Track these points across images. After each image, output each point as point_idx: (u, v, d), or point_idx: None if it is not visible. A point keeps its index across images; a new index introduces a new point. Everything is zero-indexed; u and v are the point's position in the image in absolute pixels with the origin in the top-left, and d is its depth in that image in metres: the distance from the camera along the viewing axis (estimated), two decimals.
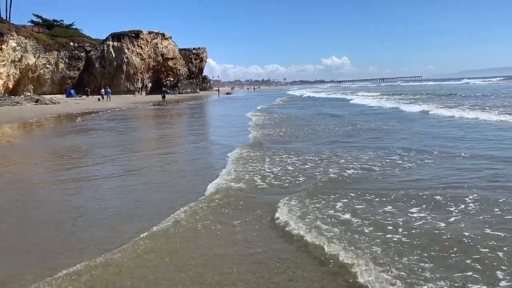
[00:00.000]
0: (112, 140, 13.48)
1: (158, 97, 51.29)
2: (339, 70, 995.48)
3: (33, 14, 67.49)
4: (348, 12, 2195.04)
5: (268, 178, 6.64)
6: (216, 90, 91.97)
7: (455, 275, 3.26)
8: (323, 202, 5.15)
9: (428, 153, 8.25)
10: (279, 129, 13.91)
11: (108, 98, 46.01)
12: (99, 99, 45.38)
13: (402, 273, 3.27)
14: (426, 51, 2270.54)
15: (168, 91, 68.08)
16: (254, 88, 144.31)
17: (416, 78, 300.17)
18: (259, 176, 6.76)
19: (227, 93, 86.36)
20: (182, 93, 73.80)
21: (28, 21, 63.56)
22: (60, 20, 69.38)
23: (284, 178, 6.66)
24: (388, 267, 3.35)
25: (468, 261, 3.48)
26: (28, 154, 10.83)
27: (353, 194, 5.45)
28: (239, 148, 9.43)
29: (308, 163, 7.68)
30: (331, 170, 7.03)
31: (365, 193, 5.52)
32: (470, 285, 3.12)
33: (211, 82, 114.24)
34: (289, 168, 7.36)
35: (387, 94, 40.86)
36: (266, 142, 10.67)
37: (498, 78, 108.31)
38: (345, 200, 5.22)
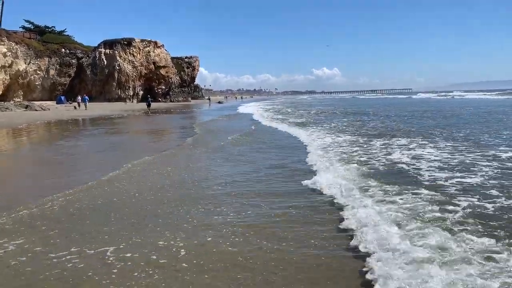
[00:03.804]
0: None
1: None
2: (330, 80, 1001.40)
3: (24, 20, 67.05)
4: (340, 24, 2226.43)
5: None
6: (207, 99, 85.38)
7: None
8: None
9: None
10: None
11: (85, 106, 44.23)
12: (75, 107, 44.01)
13: None
14: (417, 63, 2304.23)
15: (159, 99, 67.92)
16: (241, 97, 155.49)
17: (407, 90, 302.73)
18: None
19: (219, 102, 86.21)
20: (173, 101, 73.67)
21: (20, 27, 63.39)
22: (52, 27, 69.37)
23: None
24: None
25: None
26: None
27: None
28: None
29: None
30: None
31: None
32: None
33: (203, 91, 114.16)
34: None
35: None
36: None
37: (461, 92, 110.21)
38: None
